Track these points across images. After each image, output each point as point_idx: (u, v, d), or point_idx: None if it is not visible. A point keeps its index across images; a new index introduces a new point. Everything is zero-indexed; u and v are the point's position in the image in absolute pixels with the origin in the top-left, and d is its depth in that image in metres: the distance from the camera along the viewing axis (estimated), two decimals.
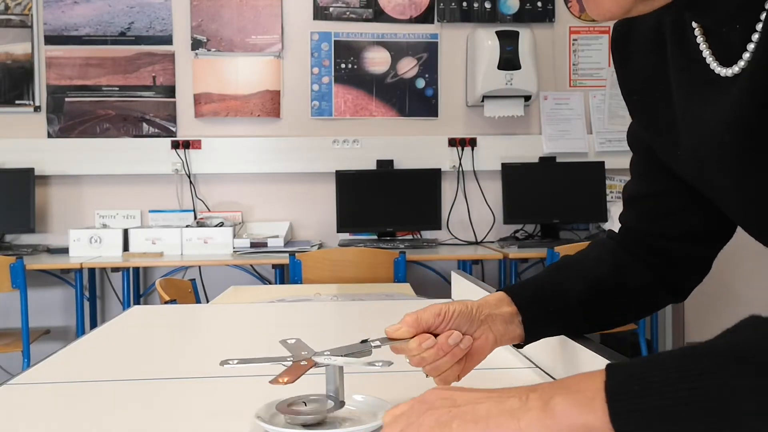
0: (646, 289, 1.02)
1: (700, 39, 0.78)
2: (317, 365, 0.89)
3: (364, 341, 0.91)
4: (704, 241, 0.99)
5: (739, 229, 0.96)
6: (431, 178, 4.13)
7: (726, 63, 0.74)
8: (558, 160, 4.25)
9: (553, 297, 1.00)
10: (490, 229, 4.26)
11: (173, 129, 4.20)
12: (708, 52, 0.77)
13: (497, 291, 1.01)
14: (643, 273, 1.01)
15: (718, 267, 1.11)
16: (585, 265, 1.03)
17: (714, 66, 0.76)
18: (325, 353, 0.90)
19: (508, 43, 4.01)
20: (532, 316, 0.98)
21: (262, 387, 1.05)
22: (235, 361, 0.87)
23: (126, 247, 3.86)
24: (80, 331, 3.82)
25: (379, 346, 0.90)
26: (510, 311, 0.97)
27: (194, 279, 3.08)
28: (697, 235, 0.98)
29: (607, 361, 0.84)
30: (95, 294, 4.11)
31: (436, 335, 0.91)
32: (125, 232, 3.88)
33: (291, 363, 0.88)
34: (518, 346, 1.01)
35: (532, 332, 0.98)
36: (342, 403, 0.88)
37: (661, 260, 1.00)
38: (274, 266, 3.76)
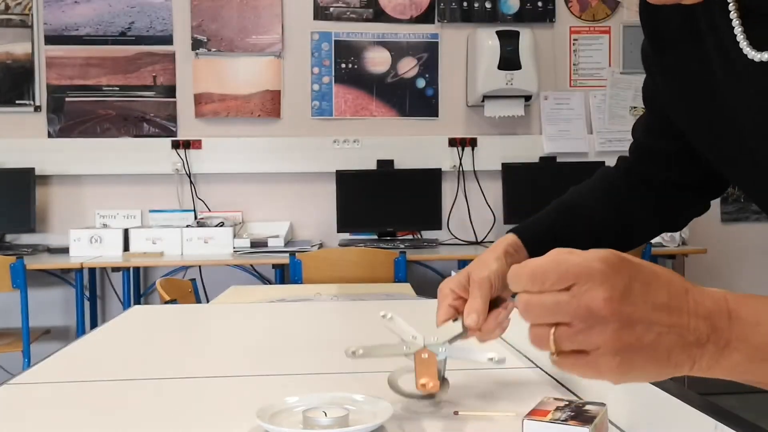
0: (646, 222, 1.14)
1: (736, 23, 0.79)
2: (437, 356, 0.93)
3: (456, 320, 0.97)
4: (699, 192, 1.11)
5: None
6: (431, 178, 4.13)
7: (759, 48, 0.77)
8: (558, 160, 4.25)
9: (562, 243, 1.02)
10: (491, 229, 4.26)
11: (173, 129, 4.20)
12: (742, 36, 0.78)
13: (508, 233, 1.07)
14: (643, 207, 1.13)
15: (718, 267, 1.15)
16: (592, 208, 1.13)
17: (747, 51, 0.78)
18: (432, 339, 0.94)
19: (509, 43, 4.01)
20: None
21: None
22: (361, 351, 0.92)
23: (126, 247, 3.86)
24: (80, 331, 3.82)
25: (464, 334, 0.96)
26: (524, 257, 1.03)
27: (194, 279, 3.08)
28: (692, 186, 1.10)
29: None
30: (95, 294, 4.11)
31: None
32: (125, 232, 3.88)
33: (410, 352, 0.93)
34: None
35: None
36: (446, 381, 0.94)
37: (659, 198, 1.12)
38: (274, 266, 3.76)
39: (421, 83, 4.28)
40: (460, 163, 4.24)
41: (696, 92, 0.90)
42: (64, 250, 3.87)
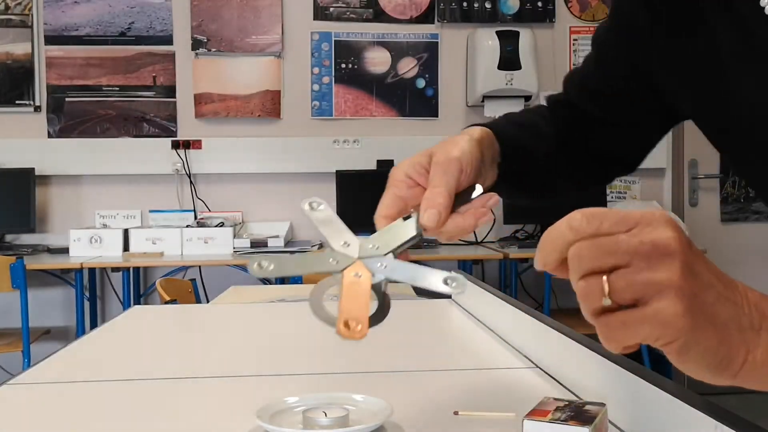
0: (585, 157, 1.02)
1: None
2: (374, 280, 0.69)
3: (407, 218, 0.73)
4: (623, 162, 1.03)
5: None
6: None
7: None
8: None
9: (525, 153, 0.92)
10: (491, 229, 4.26)
11: (173, 129, 4.20)
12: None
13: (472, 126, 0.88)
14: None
15: (719, 267, 1.12)
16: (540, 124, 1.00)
17: None
18: (370, 246, 0.70)
19: (509, 43, 4.01)
20: (510, 165, 0.89)
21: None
22: (271, 267, 0.70)
23: (126, 247, 3.86)
24: (80, 331, 3.82)
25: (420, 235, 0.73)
26: (496, 153, 0.87)
27: (194, 279, 3.09)
28: (610, 156, 1.01)
29: (610, 362, 0.84)
30: (95, 294, 4.11)
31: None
32: (125, 232, 3.88)
33: (337, 269, 0.70)
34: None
35: (504, 179, 0.89)
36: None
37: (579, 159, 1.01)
38: None
39: (421, 83, 4.28)
40: None
41: (704, 76, 0.82)
42: (64, 250, 3.87)
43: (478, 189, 0.77)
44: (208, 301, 3.37)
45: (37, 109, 4.15)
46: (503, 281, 4.11)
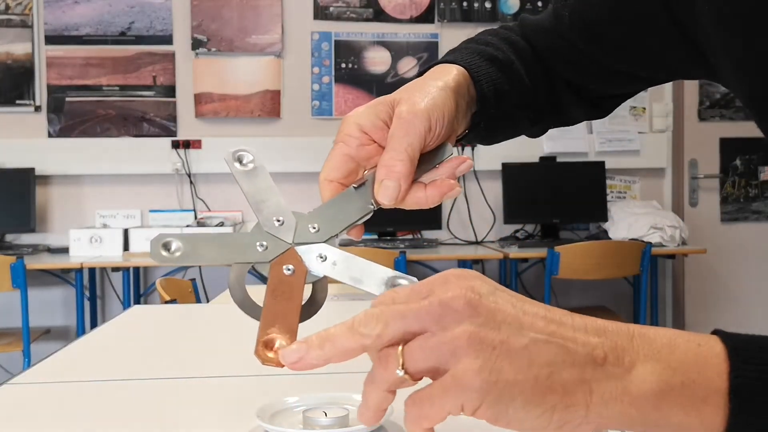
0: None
1: None
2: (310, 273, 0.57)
3: (359, 186, 0.61)
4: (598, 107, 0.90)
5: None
6: None
7: None
8: (558, 160, 4.25)
9: (502, 97, 0.78)
10: (491, 229, 4.26)
11: (173, 129, 4.20)
12: None
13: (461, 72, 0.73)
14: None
15: (718, 267, 1.11)
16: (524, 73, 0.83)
17: None
18: (310, 228, 0.57)
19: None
20: (485, 113, 0.77)
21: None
22: (178, 252, 0.56)
23: (126, 247, 3.86)
24: (80, 331, 3.82)
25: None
26: (472, 99, 0.74)
27: (195, 279, 3.08)
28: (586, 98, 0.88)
29: None
30: (95, 294, 4.11)
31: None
32: (125, 231, 3.88)
33: (265, 260, 0.57)
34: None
35: (476, 128, 0.77)
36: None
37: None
38: None
39: None
40: None
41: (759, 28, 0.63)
42: (64, 250, 3.87)
43: (448, 150, 0.64)
44: (208, 301, 3.37)
45: (38, 109, 4.15)
46: (503, 281, 4.11)
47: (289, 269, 0.56)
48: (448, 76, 0.70)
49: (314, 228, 0.58)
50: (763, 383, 0.44)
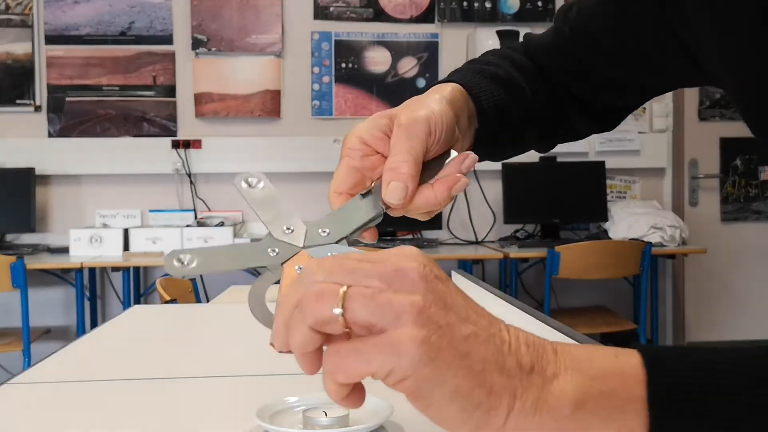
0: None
1: None
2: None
3: (366, 194, 0.62)
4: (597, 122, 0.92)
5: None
6: None
7: None
8: (558, 160, 4.24)
9: (503, 113, 0.80)
10: (491, 229, 4.26)
11: (173, 129, 4.20)
12: None
13: (455, 91, 0.74)
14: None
15: (718, 267, 1.11)
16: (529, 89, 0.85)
17: None
18: (320, 232, 0.58)
19: (509, 43, 4.00)
20: (488, 128, 0.79)
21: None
22: (193, 264, 0.61)
23: (126, 247, 3.86)
24: (80, 331, 3.82)
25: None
26: (471, 113, 0.75)
27: (195, 279, 3.08)
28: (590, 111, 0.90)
29: None
30: (95, 294, 4.11)
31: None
32: (126, 231, 3.89)
33: (275, 263, 0.58)
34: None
35: (481, 143, 0.79)
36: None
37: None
38: None
39: (421, 83, 4.27)
40: None
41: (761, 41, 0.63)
42: (64, 250, 3.87)
43: (453, 154, 0.65)
44: (208, 301, 3.37)
45: (38, 108, 4.15)
46: (503, 281, 4.11)
47: (301, 268, 0.57)
48: (443, 91, 0.73)
49: (324, 232, 0.59)
50: (681, 389, 0.45)
